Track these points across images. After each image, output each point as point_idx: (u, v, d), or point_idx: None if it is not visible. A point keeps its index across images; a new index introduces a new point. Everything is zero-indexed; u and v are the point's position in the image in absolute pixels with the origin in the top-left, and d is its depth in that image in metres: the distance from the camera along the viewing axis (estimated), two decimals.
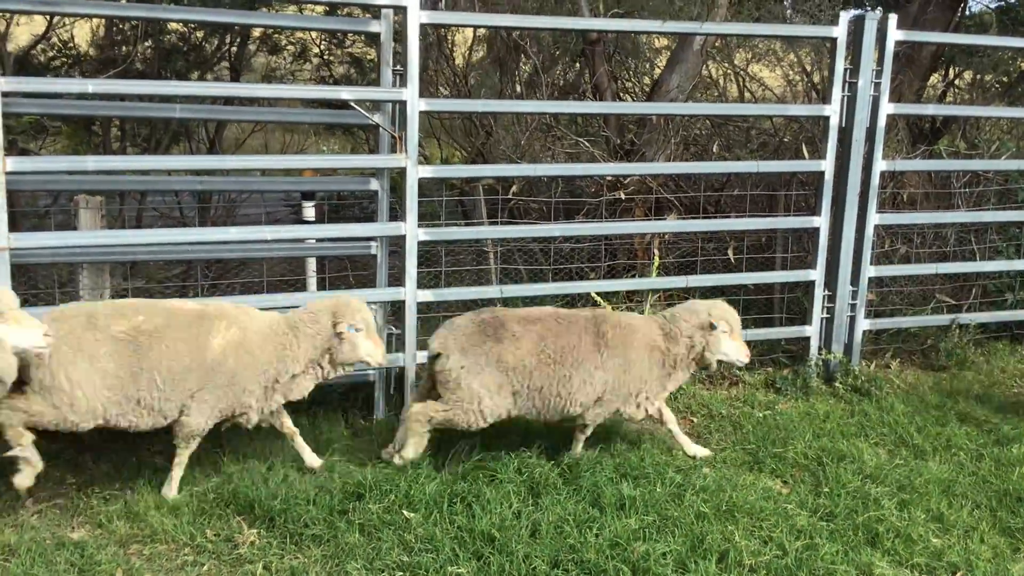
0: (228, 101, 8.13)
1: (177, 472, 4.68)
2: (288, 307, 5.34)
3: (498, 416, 4.95)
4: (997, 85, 10.82)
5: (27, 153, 7.25)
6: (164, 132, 9.16)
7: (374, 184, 5.63)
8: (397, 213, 5.66)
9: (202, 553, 4.24)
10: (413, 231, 5.49)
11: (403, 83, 5.35)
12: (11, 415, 4.18)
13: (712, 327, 5.09)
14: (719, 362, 5.22)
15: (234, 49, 9.19)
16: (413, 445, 4.91)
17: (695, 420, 6.02)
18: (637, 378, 5.05)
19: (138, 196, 7.57)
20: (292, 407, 4.94)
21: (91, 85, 4.69)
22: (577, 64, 9.42)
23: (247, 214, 7.75)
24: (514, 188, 7.34)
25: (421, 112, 5.45)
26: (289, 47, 9.80)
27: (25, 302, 5.94)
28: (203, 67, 8.90)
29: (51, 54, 8.38)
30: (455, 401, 4.85)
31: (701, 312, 5.16)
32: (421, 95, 5.41)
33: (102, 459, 5.08)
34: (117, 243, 4.91)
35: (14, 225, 5.44)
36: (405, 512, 4.48)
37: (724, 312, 5.16)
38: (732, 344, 5.14)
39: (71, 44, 8.56)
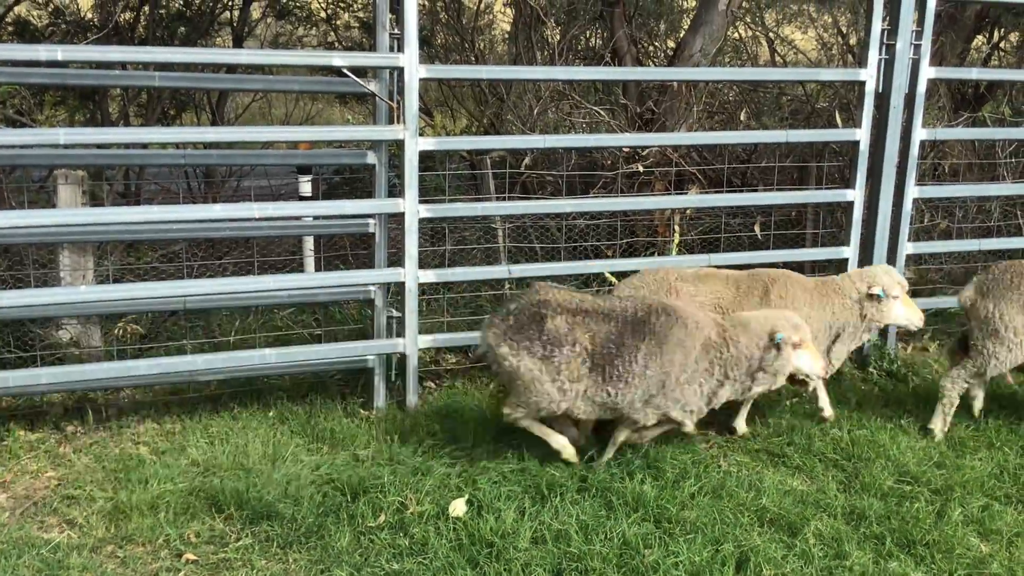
0: (232, 70, 7.82)
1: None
2: (278, 289, 5.05)
3: None
4: None
5: (21, 125, 6.96)
6: (170, 103, 8.87)
7: (371, 158, 5.27)
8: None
9: (180, 558, 3.97)
10: (413, 208, 5.14)
11: (400, 48, 4.97)
12: None
13: None
14: None
15: (236, 13, 8.83)
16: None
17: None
18: None
19: (136, 171, 7.28)
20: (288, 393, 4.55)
21: (60, 52, 4.33)
22: (597, 28, 9.00)
23: (262, 187, 7.40)
24: (526, 161, 6.96)
25: (422, 80, 5.10)
26: (296, 10, 9.42)
27: (3, 283, 5.75)
28: (205, 33, 8.56)
29: (46, 21, 8.06)
30: None
31: None
32: (422, 61, 5.04)
33: (83, 452, 4.82)
34: (86, 222, 4.56)
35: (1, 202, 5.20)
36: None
37: None
38: None
39: (70, 7, 8.23)
